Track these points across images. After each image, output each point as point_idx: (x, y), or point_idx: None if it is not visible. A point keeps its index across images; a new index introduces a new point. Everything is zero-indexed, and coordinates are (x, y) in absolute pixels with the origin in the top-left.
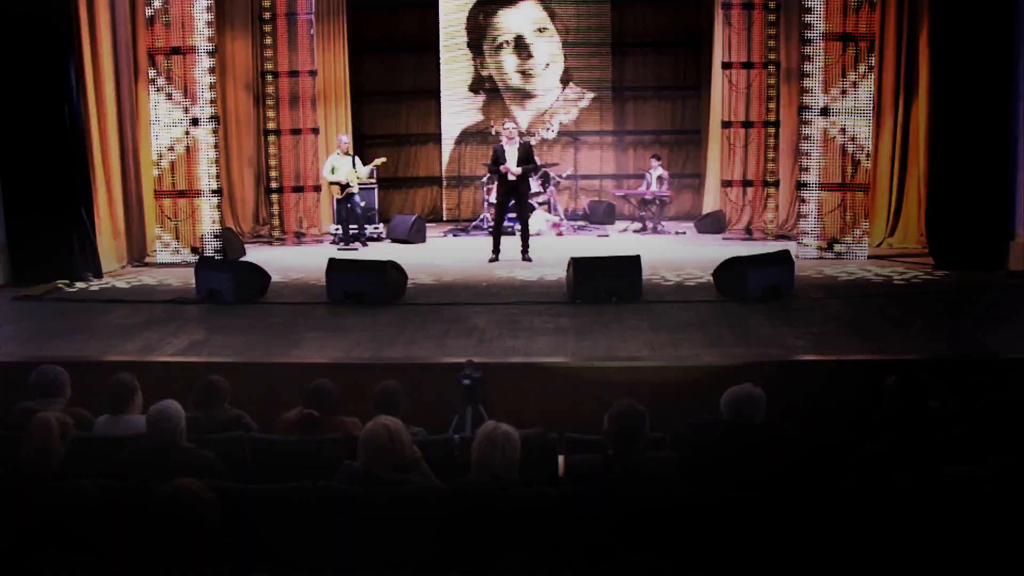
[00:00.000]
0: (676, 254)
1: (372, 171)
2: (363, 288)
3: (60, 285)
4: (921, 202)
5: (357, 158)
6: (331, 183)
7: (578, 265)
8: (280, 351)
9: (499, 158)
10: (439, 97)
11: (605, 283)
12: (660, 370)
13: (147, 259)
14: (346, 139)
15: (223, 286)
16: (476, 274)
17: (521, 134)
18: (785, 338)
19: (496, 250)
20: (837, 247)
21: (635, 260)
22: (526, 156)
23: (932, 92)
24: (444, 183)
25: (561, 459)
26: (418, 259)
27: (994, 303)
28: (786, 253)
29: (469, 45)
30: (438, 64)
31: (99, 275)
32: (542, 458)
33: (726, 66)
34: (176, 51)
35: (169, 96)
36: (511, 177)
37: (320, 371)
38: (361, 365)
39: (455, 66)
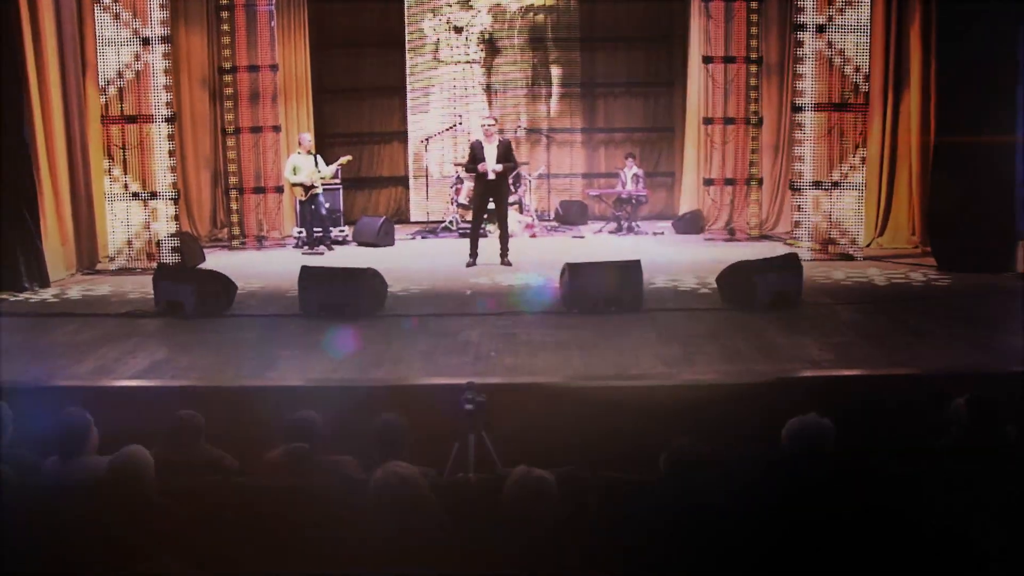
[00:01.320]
0: (662, 256)
1: (336, 171)
2: (341, 299)
3: (1, 296)
4: (913, 200)
5: (319, 157)
6: (294, 184)
7: (574, 272)
8: (253, 372)
9: (477, 156)
10: (404, 94)
11: (604, 291)
12: (681, 390)
13: (98, 266)
14: (308, 137)
15: (185, 297)
16: (456, 280)
17: (501, 131)
18: (807, 350)
19: (473, 254)
20: (832, 248)
21: (635, 266)
22: (506, 154)
23: (926, 85)
24: (411, 183)
25: None
26: (389, 264)
27: (1014, 309)
28: (794, 257)
29: (436, 40)
30: (403, 59)
31: (45, 284)
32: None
33: (707, 60)
34: (127, 41)
35: (120, 91)
36: (490, 176)
37: (301, 396)
38: (347, 388)
39: (420, 61)
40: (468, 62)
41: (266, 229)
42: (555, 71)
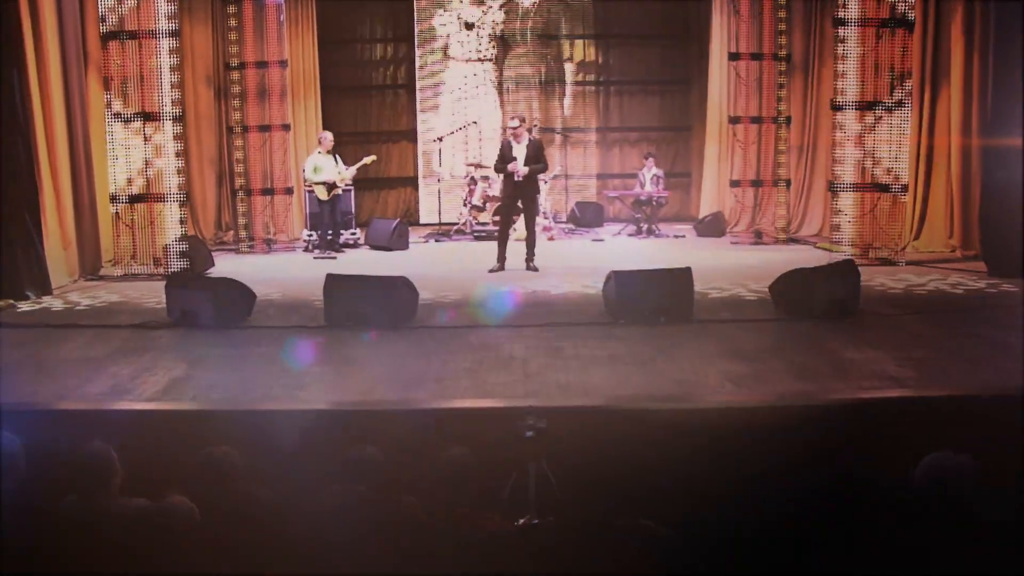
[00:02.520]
0: (691, 261)
1: (355, 171)
2: (369, 310)
3: (1, 306)
4: (953, 203)
5: (338, 157)
6: (316, 183)
7: (622, 280)
8: (283, 392)
9: (506, 156)
10: (414, 92)
11: (653, 300)
12: (759, 412)
13: (102, 271)
14: (330, 137)
15: (201, 307)
16: (483, 287)
17: (529, 131)
18: (883, 366)
19: (501, 258)
20: (872, 253)
21: (686, 274)
22: (536, 154)
23: (968, 84)
24: (421, 184)
25: None
26: (408, 269)
27: None
28: (850, 264)
29: (446, 37)
30: (412, 56)
31: (47, 291)
32: None
33: (733, 57)
34: (131, 36)
35: (124, 88)
36: (518, 178)
37: (340, 421)
38: (392, 412)
39: (430, 59)
40: (480, 60)
41: (274, 232)
42: (568, 69)
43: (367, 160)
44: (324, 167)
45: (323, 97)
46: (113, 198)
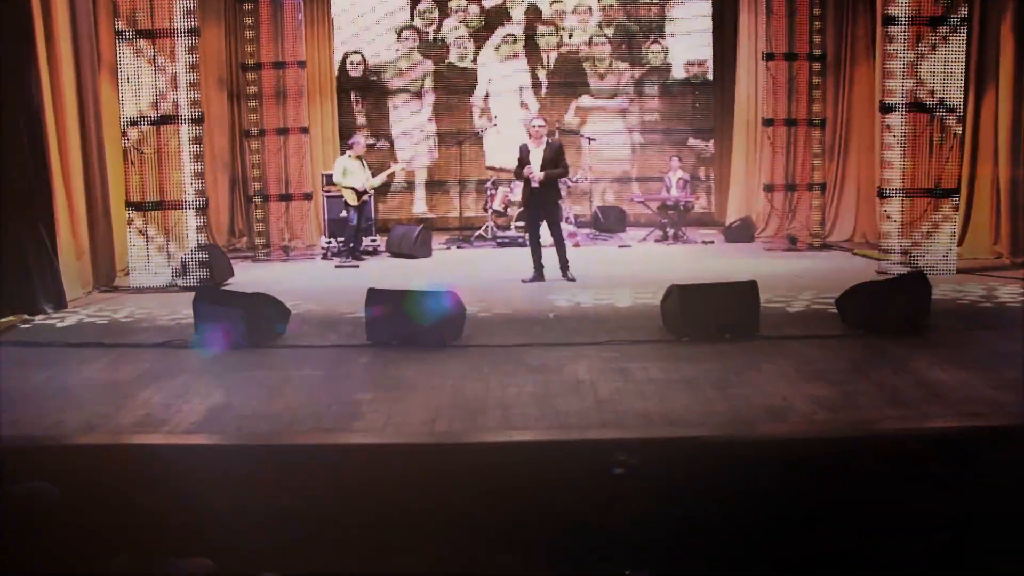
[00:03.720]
0: (730, 269)
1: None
2: (416, 327)
3: (14, 321)
4: (1000, 207)
5: (365, 162)
6: (346, 188)
7: (686, 295)
8: (336, 423)
9: (523, 160)
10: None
11: (718, 316)
12: (859, 442)
13: (116, 282)
14: (362, 141)
15: (232, 325)
16: (526, 300)
17: (551, 133)
18: (979, 390)
19: (537, 268)
20: (921, 261)
21: (751, 288)
22: (555, 158)
23: (1018, 85)
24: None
25: None
26: (435, 279)
27: None
28: (921, 276)
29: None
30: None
31: (62, 305)
32: None
33: (768, 57)
34: (147, 35)
35: (137, 89)
36: (534, 184)
37: (408, 456)
38: (462, 447)
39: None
40: (505, 58)
41: (289, 239)
42: (589, 70)
43: (394, 168)
44: (354, 172)
45: (339, 99)
46: (128, 205)
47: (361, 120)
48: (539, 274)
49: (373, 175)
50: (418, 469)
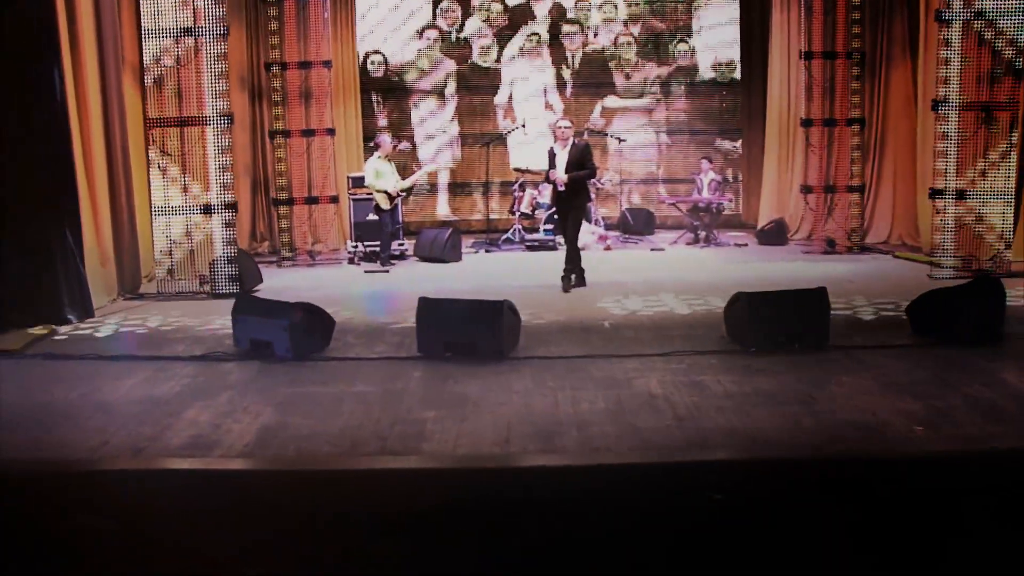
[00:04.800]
0: (775, 274)
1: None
2: (471, 337)
3: (42, 332)
4: None
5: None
6: (379, 191)
7: (754, 303)
8: (401, 442)
9: (551, 163)
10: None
11: (787, 324)
12: (967, 462)
13: (141, 289)
14: (390, 140)
15: (275, 336)
16: (573, 306)
17: (579, 133)
18: None
19: (578, 269)
20: (976, 265)
21: (821, 295)
22: (579, 160)
23: None
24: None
25: None
26: (470, 283)
27: None
28: (996, 283)
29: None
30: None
31: (89, 314)
32: None
33: (807, 56)
34: (174, 33)
35: (160, 90)
36: (559, 187)
37: (483, 480)
38: (542, 471)
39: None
40: (528, 57)
41: (312, 243)
42: (614, 70)
43: (427, 169)
44: (386, 173)
45: (363, 99)
46: (155, 210)
47: (383, 121)
48: (581, 278)
49: (402, 177)
50: (494, 494)
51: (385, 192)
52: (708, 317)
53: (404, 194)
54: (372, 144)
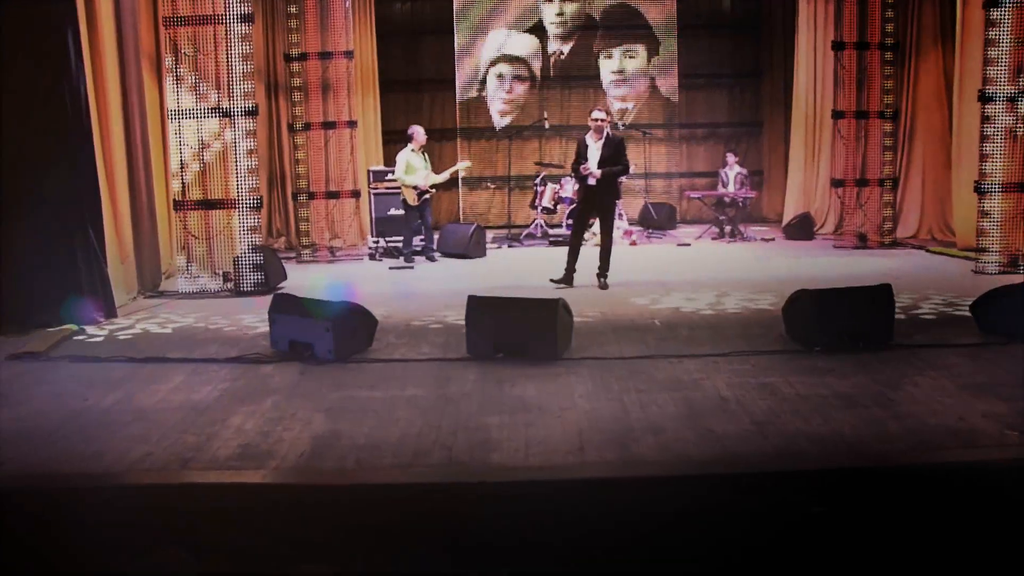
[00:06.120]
0: (814, 270)
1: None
2: (523, 337)
3: (64, 332)
4: None
5: (427, 156)
6: (408, 186)
7: (818, 301)
8: (472, 453)
9: (581, 155)
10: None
11: (851, 322)
12: None
13: (162, 286)
14: (422, 132)
15: (317, 338)
16: (616, 304)
17: (615, 127)
18: None
19: (570, 271)
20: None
21: (886, 292)
22: (614, 155)
23: None
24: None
25: None
26: (499, 280)
27: None
28: None
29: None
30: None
31: (112, 314)
32: None
33: (838, 47)
34: (194, 22)
35: (178, 80)
36: (591, 181)
37: (563, 491)
38: (625, 482)
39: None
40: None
41: (330, 238)
42: (631, 64)
43: (461, 165)
44: (417, 167)
45: (382, 92)
46: (176, 204)
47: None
48: (569, 278)
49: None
50: (571, 508)
51: (414, 187)
52: (761, 315)
53: (435, 189)
54: (408, 134)
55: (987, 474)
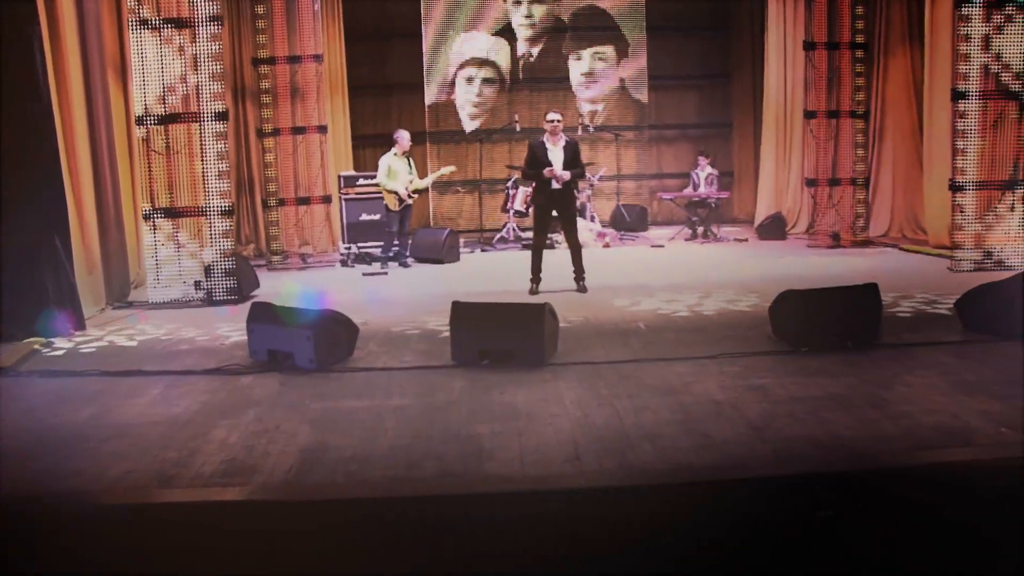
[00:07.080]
0: (792, 269)
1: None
2: (508, 344)
3: (32, 346)
4: None
5: (412, 160)
6: (389, 191)
7: (804, 301)
8: (466, 465)
9: (539, 159)
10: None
11: (839, 323)
12: None
13: (130, 297)
14: (407, 136)
15: (297, 347)
16: (598, 308)
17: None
18: None
19: (536, 279)
20: (996, 256)
21: (872, 291)
22: (574, 158)
23: None
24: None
25: None
26: (477, 285)
27: None
28: None
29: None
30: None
31: (81, 326)
32: None
33: (809, 47)
34: (160, 24)
35: (151, 83)
36: (556, 184)
37: (563, 502)
38: (626, 492)
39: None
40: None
41: (299, 245)
42: (601, 65)
43: (446, 171)
44: (399, 172)
45: (351, 96)
46: (145, 213)
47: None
48: (536, 286)
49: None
50: (567, 518)
51: (395, 193)
52: (745, 315)
53: (416, 195)
54: (393, 138)
55: (987, 474)
